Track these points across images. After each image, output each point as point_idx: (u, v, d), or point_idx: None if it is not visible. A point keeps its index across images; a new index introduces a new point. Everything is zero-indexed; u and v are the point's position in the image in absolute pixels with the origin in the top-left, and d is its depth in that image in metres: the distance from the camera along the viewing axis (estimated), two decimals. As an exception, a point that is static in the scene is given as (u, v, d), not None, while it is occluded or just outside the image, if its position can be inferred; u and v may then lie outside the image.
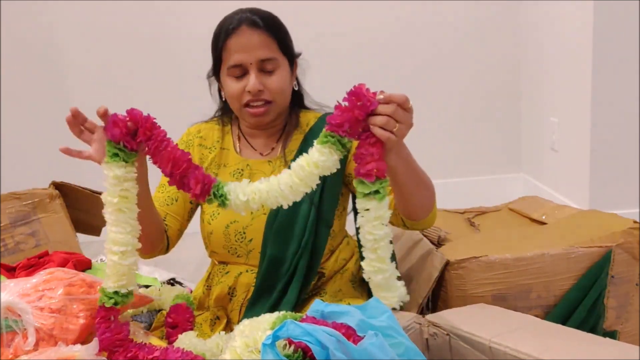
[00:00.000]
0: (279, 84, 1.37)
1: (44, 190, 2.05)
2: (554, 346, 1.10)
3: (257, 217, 1.39)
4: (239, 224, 1.39)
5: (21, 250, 1.99)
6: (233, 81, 1.37)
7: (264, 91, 1.36)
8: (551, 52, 2.85)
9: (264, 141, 1.47)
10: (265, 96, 1.37)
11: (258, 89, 1.35)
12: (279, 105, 1.40)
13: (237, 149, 1.47)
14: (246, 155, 1.47)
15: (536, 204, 1.92)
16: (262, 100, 1.37)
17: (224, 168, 1.46)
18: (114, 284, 1.12)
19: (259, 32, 1.34)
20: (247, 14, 1.36)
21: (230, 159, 1.46)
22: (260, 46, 1.34)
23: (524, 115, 3.22)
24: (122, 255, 1.15)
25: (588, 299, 1.46)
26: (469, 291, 1.47)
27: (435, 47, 3.15)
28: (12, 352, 1.12)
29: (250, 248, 1.40)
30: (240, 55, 1.34)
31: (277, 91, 1.37)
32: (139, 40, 3.08)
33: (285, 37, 1.40)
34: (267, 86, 1.36)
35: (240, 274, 1.42)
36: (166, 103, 3.10)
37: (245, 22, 1.34)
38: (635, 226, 1.51)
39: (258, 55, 1.34)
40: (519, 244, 1.53)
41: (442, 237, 1.68)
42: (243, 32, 1.34)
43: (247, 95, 1.36)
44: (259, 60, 1.35)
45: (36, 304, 1.15)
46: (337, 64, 3.04)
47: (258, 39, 1.34)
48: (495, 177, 3.29)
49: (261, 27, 1.35)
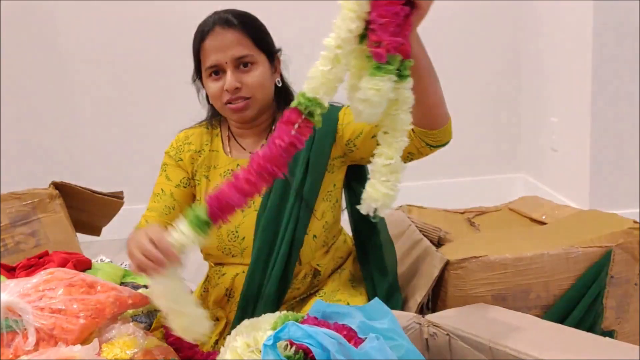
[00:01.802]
0: (256, 79, 1.38)
1: (44, 190, 2.05)
2: (554, 346, 1.10)
3: (248, 215, 1.40)
4: (230, 224, 1.39)
5: (21, 250, 1.99)
6: (212, 82, 1.39)
7: (241, 88, 1.37)
8: (551, 52, 2.85)
9: (253, 140, 1.47)
10: (243, 93, 1.37)
11: (235, 86, 1.36)
12: (258, 100, 1.40)
13: (226, 150, 1.48)
14: (236, 155, 1.47)
15: (536, 204, 1.92)
16: (240, 98, 1.38)
17: (214, 170, 1.47)
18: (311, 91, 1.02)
19: (232, 31, 1.36)
20: (221, 14, 1.39)
21: (220, 161, 1.47)
22: (234, 44, 1.36)
23: (524, 115, 3.22)
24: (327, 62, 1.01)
25: (587, 299, 1.46)
26: (468, 291, 1.47)
27: (435, 46, 3.11)
28: (13, 352, 1.12)
29: (244, 246, 1.41)
30: (215, 55, 1.36)
31: (255, 86, 1.38)
32: (141, 41, 3.08)
33: (260, 34, 1.41)
34: (244, 82, 1.37)
35: (237, 275, 1.42)
36: (166, 103, 3.10)
37: (218, 23, 1.37)
38: (635, 226, 1.51)
39: (232, 54, 1.36)
40: (519, 244, 1.53)
41: (442, 237, 1.68)
42: (217, 32, 1.36)
43: (226, 94, 1.37)
44: (234, 58, 1.36)
45: (36, 304, 1.15)
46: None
47: (231, 38, 1.36)
48: (495, 177, 3.29)
49: (234, 26, 1.36)
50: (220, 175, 1.45)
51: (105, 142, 3.17)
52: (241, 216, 1.40)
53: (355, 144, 1.36)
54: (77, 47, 3.07)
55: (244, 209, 1.34)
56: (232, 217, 1.33)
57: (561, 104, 2.78)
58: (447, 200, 2.55)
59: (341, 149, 1.40)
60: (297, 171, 1.38)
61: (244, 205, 1.07)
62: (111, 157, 3.18)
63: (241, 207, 1.07)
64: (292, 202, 1.38)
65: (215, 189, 1.08)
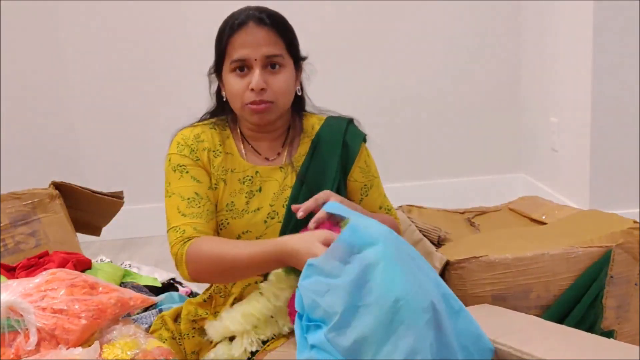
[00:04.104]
0: (283, 83, 1.33)
1: (44, 190, 2.05)
2: (557, 346, 1.10)
3: (271, 226, 1.36)
4: (252, 234, 1.36)
5: (21, 250, 1.99)
6: (236, 77, 1.33)
7: (266, 90, 1.31)
8: (551, 52, 2.85)
9: (269, 145, 1.43)
10: (267, 96, 1.32)
11: (261, 86, 1.30)
12: (280, 107, 1.35)
13: (242, 154, 1.41)
14: (252, 161, 1.41)
15: (536, 204, 1.93)
16: (263, 102, 1.32)
17: (232, 174, 1.39)
18: None
19: (266, 29, 1.31)
20: (255, 12, 1.33)
21: (237, 164, 1.40)
22: (267, 42, 1.31)
23: (524, 115, 3.22)
24: None
25: (587, 298, 1.46)
26: (469, 291, 1.47)
27: (435, 47, 3.15)
28: (14, 352, 1.12)
29: None
30: (245, 50, 1.31)
31: (280, 91, 1.33)
32: (141, 40, 3.08)
33: (292, 38, 1.37)
34: (271, 85, 1.32)
35: (249, 285, 1.38)
36: (166, 104, 3.10)
37: (252, 19, 1.32)
38: (635, 226, 1.52)
39: (264, 51, 1.31)
40: (519, 244, 1.54)
41: (442, 237, 1.68)
42: (250, 27, 1.31)
43: (250, 94, 1.31)
44: (265, 56, 1.31)
45: (38, 304, 1.15)
46: (335, 64, 3.04)
47: (264, 35, 1.31)
48: (495, 177, 3.29)
49: (268, 25, 1.32)
50: (239, 181, 1.39)
51: (105, 142, 3.17)
52: (264, 227, 1.36)
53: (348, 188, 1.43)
54: (77, 46, 3.07)
55: (266, 220, 1.36)
56: (254, 228, 1.37)
57: (561, 104, 2.78)
58: (447, 200, 2.56)
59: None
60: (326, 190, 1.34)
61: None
62: (111, 157, 3.18)
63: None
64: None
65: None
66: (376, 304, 0.98)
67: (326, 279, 1.01)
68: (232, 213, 1.37)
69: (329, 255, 1.03)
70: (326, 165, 1.39)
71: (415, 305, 0.98)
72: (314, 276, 1.02)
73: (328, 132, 1.43)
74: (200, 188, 1.34)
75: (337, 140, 1.41)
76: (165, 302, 1.82)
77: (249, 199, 1.38)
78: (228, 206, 1.38)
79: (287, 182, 1.39)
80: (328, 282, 1.01)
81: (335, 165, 1.39)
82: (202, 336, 1.42)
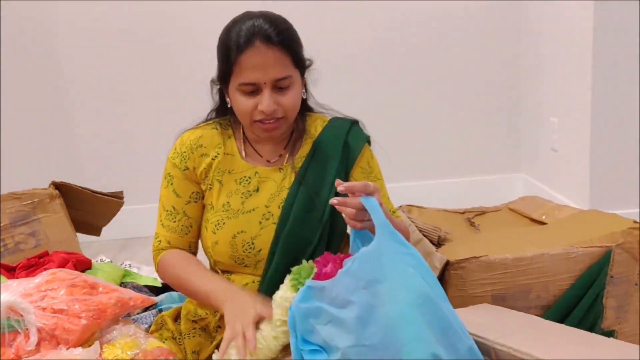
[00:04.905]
0: (292, 100, 1.30)
1: (44, 190, 2.05)
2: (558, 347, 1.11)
3: (266, 227, 1.35)
4: (246, 234, 1.35)
5: (21, 250, 1.99)
6: (244, 97, 1.29)
7: (277, 109, 1.29)
8: (551, 52, 2.85)
9: (271, 148, 1.41)
10: (278, 114, 1.30)
11: (273, 108, 1.28)
12: (290, 120, 1.34)
13: (242, 155, 1.41)
14: (253, 162, 1.41)
15: (536, 204, 1.93)
16: (274, 119, 1.30)
17: (229, 175, 1.39)
18: None
19: (274, 50, 1.25)
20: (261, 25, 1.26)
21: (235, 165, 1.40)
22: (276, 65, 1.26)
23: (524, 115, 3.22)
24: None
25: (587, 298, 1.46)
26: (468, 291, 1.47)
27: (435, 46, 3.15)
28: (14, 351, 1.12)
29: (259, 258, 1.36)
30: (254, 74, 1.26)
31: (290, 107, 1.31)
32: (139, 41, 3.08)
33: (299, 50, 1.32)
34: (281, 104, 1.29)
35: (246, 284, 1.38)
36: (167, 103, 3.10)
37: (259, 37, 1.25)
38: (635, 226, 1.52)
39: (273, 75, 1.26)
40: (519, 244, 1.54)
41: (442, 237, 1.68)
42: (257, 49, 1.25)
43: (260, 114, 1.29)
44: (274, 80, 1.27)
45: (38, 304, 1.15)
46: (336, 65, 3.04)
47: (273, 57, 1.25)
48: (495, 177, 3.29)
49: (276, 43, 1.26)
50: (235, 182, 1.39)
51: (105, 142, 3.16)
52: (259, 228, 1.35)
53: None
54: (77, 46, 3.07)
55: (261, 221, 1.36)
56: (248, 228, 1.36)
57: (561, 104, 2.78)
58: (447, 200, 2.56)
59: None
60: (323, 192, 1.35)
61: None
62: (111, 157, 3.18)
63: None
64: (318, 219, 1.34)
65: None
66: (382, 347, 0.95)
67: (329, 307, 0.99)
68: (228, 213, 1.37)
69: (334, 283, 1.01)
70: (326, 167, 1.37)
71: (420, 353, 0.95)
72: (313, 300, 1.00)
73: (330, 133, 1.42)
74: (178, 203, 1.40)
75: (339, 141, 1.40)
76: (165, 302, 1.82)
77: (245, 199, 1.38)
78: (224, 206, 1.38)
79: (285, 183, 1.38)
80: (330, 312, 0.98)
81: (336, 167, 1.38)
82: (202, 336, 1.43)
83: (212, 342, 1.41)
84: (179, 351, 1.41)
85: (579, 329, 1.24)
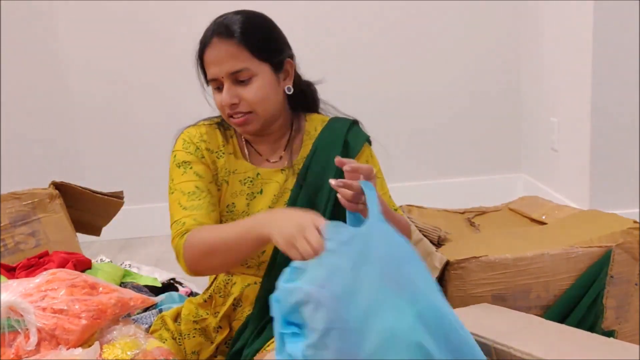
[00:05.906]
0: (254, 93, 1.31)
1: (44, 190, 2.05)
2: (559, 347, 1.10)
3: None
4: None
5: (21, 250, 1.99)
6: (215, 93, 1.35)
7: (239, 103, 1.31)
8: (551, 52, 2.85)
9: (269, 147, 1.42)
10: (242, 108, 1.32)
11: (230, 102, 1.31)
12: (261, 115, 1.33)
13: (245, 155, 1.42)
14: (255, 162, 1.42)
15: (536, 204, 1.93)
16: (240, 113, 1.32)
17: (234, 175, 1.39)
18: None
19: (228, 43, 1.29)
20: (221, 22, 1.32)
21: (238, 165, 1.40)
22: (228, 58, 1.29)
23: (524, 115, 3.22)
24: None
25: (587, 298, 1.46)
26: (468, 291, 1.47)
27: (435, 46, 3.15)
28: (14, 351, 1.12)
29: (262, 259, 1.36)
30: (213, 68, 1.31)
31: (255, 101, 1.31)
32: (141, 40, 3.08)
33: (262, 43, 1.32)
34: (242, 97, 1.31)
35: (248, 285, 1.38)
36: (167, 103, 3.10)
37: (216, 33, 1.30)
38: (635, 226, 1.52)
39: (227, 68, 1.29)
40: (519, 244, 1.54)
41: (442, 237, 1.68)
42: (214, 44, 1.30)
43: (227, 108, 1.33)
44: (229, 73, 1.30)
45: (38, 304, 1.15)
46: (336, 65, 3.04)
47: (226, 51, 1.29)
48: (495, 177, 3.29)
49: (231, 37, 1.29)
50: (239, 182, 1.39)
51: (105, 142, 3.17)
52: None
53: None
54: (77, 46, 3.07)
55: None
56: None
57: (561, 104, 2.78)
58: (447, 200, 2.56)
59: None
60: (324, 192, 1.35)
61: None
62: (111, 157, 3.18)
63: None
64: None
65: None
66: (362, 331, 0.91)
67: (310, 286, 0.94)
68: (233, 214, 1.37)
69: (319, 263, 0.97)
70: (326, 167, 1.37)
71: (403, 341, 0.90)
72: (297, 281, 0.96)
73: (330, 133, 1.42)
74: (201, 182, 1.35)
75: (339, 141, 1.40)
76: (165, 302, 1.82)
77: (250, 201, 1.38)
78: (229, 207, 1.38)
79: (287, 184, 1.38)
80: (311, 292, 0.94)
81: (335, 168, 1.38)
82: (202, 336, 1.43)
83: (212, 343, 1.42)
84: (179, 351, 1.41)
85: (579, 329, 1.24)
